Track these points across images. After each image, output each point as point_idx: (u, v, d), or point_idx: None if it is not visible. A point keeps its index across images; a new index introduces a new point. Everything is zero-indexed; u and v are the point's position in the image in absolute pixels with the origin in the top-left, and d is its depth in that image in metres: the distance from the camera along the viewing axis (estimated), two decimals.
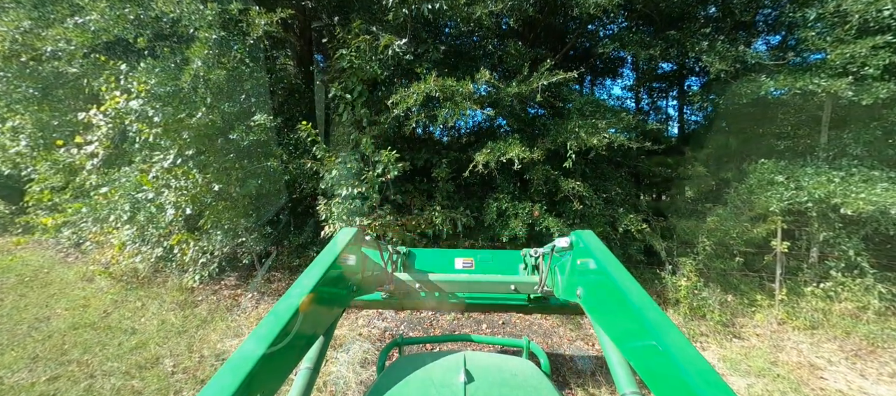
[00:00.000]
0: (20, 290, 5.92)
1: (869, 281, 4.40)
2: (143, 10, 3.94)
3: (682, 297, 4.61)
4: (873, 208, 3.86)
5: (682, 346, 0.85)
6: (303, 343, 1.19)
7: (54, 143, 7.04)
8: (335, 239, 1.62)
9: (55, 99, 7.99)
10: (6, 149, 7.72)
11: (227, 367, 0.82)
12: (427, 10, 4.05)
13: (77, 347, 4.09)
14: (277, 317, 1.01)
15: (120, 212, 5.18)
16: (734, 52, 4.74)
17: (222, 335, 4.31)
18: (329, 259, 1.39)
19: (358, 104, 4.57)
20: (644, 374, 0.96)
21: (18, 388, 3.37)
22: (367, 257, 1.90)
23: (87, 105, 7.12)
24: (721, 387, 0.74)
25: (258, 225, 5.72)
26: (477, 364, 1.36)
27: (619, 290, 1.14)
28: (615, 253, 5.13)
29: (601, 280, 1.34)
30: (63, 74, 7.50)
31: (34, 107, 7.74)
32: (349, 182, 4.39)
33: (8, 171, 7.98)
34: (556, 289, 1.88)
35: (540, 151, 4.56)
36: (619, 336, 1.17)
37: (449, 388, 1.21)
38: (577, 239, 1.64)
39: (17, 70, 7.40)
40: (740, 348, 4.10)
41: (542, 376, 1.45)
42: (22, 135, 7.83)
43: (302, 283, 1.21)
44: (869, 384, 3.47)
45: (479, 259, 2.40)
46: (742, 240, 5.03)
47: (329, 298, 1.41)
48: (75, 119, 7.83)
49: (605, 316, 1.30)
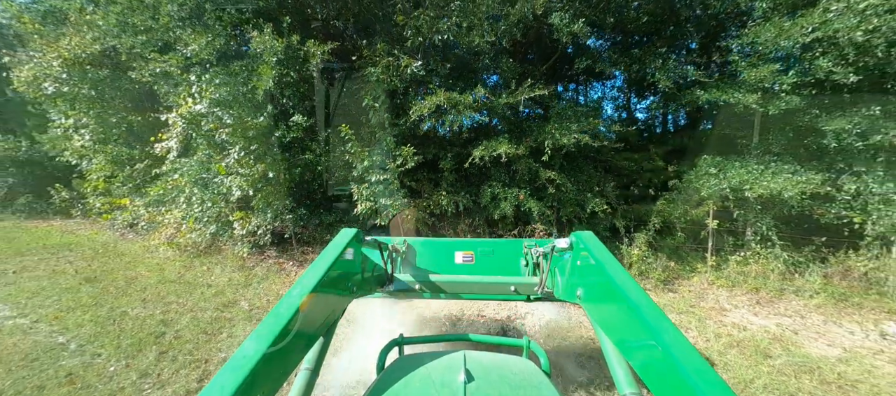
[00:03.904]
0: (101, 259, 7.22)
1: (776, 250, 5.70)
2: (236, 44, 5.17)
3: (633, 262, 5.92)
4: (769, 193, 5.14)
5: (681, 345, 0.85)
6: (303, 344, 1.20)
7: (110, 138, 8.23)
8: (335, 239, 1.65)
9: (113, 99, 9.13)
10: (72, 141, 8.99)
11: (228, 367, 0.82)
12: (437, 39, 5.30)
13: (170, 294, 5.40)
14: (278, 317, 1.01)
15: (189, 194, 6.47)
16: (679, 70, 5.99)
17: (280, 287, 5.63)
18: (329, 259, 1.41)
19: (382, 109, 5.83)
20: (643, 374, 0.97)
21: (143, 317, 4.67)
22: (367, 258, 1.94)
23: (149, 107, 8.45)
24: (720, 386, 0.73)
25: (297, 206, 7.01)
26: (477, 364, 1.34)
27: (618, 290, 1.14)
28: (584, 229, 6.54)
29: (601, 280, 1.35)
30: (120, 78, 8.71)
31: (97, 106, 8.90)
32: (376, 171, 5.67)
33: (75, 161, 9.23)
34: (556, 290, 1.91)
35: (524, 147, 5.85)
36: (618, 336, 1.18)
37: (449, 387, 1.18)
38: (576, 240, 1.66)
39: (80, 74, 8.51)
40: (672, 297, 5.41)
41: (542, 375, 1.42)
42: (84, 130, 9.06)
43: (302, 283, 1.22)
44: (757, 319, 4.77)
45: (480, 252, 2.36)
46: (684, 220, 6.31)
47: (329, 298, 1.41)
48: (132, 118, 9.13)
49: (605, 316, 1.32)
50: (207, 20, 5.07)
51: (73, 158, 8.97)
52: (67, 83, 8.29)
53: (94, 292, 5.46)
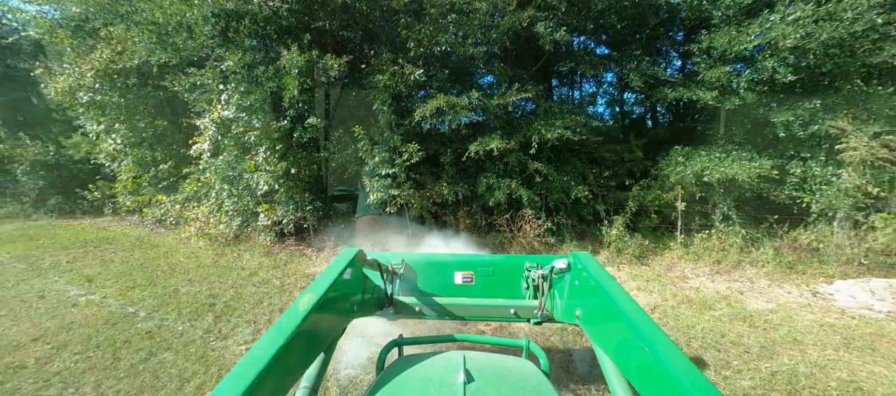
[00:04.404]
0: (139, 250, 8.09)
1: (736, 228, 6.52)
2: (262, 57, 6.00)
3: (611, 241, 6.76)
4: (725, 177, 5.96)
5: (679, 362, 0.86)
6: (302, 362, 1.22)
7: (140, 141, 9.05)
8: (337, 258, 1.66)
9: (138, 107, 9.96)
10: (106, 145, 9.85)
11: (226, 384, 0.83)
12: (437, 50, 6.10)
13: (211, 275, 6.26)
14: (278, 334, 1.03)
15: (219, 190, 7.32)
16: (650, 71, 6.79)
17: (305, 267, 6.49)
18: (331, 277, 1.42)
19: (389, 112, 6.65)
20: (643, 390, 0.99)
21: (193, 293, 5.52)
22: (367, 278, 1.98)
23: (169, 112, 9.30)
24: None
25: (314, 199, 7.86)
26: (477, 364, 1.34)
27: (616, 309, 1.17)
28: (569, 214, 7.53)
29: (599, 299, 1.37)
30: (145, 87, 9.53)
31: (124, 113, 9.74)
32: (385, 166, 6.51)
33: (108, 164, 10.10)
34: (555, 312, 1.97)
35: (514, 142, 6.67)
36: (616, 353, 1.20)
37: (448, 388, 1.18)
38: (574, 260, 1.69)
39: (110, 85, 9.33)
40: (644, 270, 6.25)
41: (542, 376, 1.43)
42: (116, 135, 9.92)
43: (303, 300, 1.23)
44: (712, 284, 5.60)
45: (480, 272, 2.35)
46: (658, 204, 7.14)
47: (329, 318, 1.41)
48: (157, 123, 9.97)
49: (603, 334, 1.33)
50: (239, 38, 5.88)
51: (106, 160, 9.83)
52: (100, 92, 9.12)
53: (145, 275, 6.33)
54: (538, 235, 6.74)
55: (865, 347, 3.78)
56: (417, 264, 2.40)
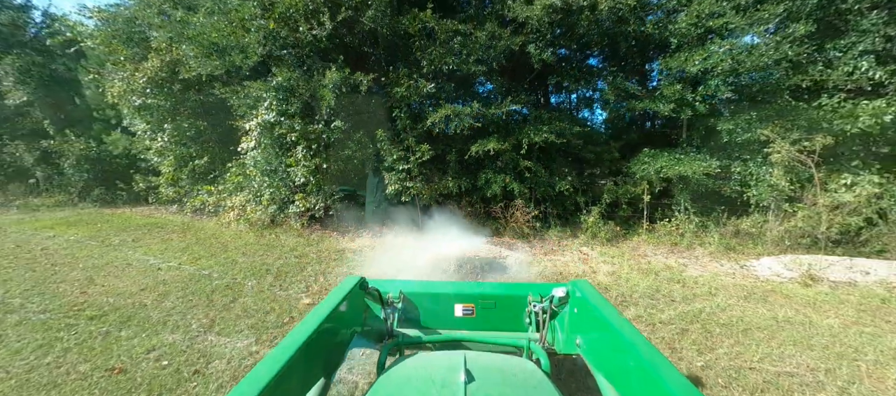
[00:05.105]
0: (189, 232, 9.47)
1: (691, 216, 7.89)
2: (310, 76, 7.39)
3: (588, 227, 8.14)
4: (678, 174, 7.32)
5: (679, 384, 0.88)
6: (303, 386, 1.27)
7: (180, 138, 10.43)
8: (338, 285, 1.72)
9: (180, 110, 11.33)
10: (155, 142, 11.26)
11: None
12: (445, 68, 7.49)
13: (258, 252, 7.63)
14: (278, 358, 1.04)
15: (260, 181, 8.72)
16: (623, 85, 8.15)
17: (334, 244, 7.88)
18: (333, 303, 1.49)
19: (405, 117, 8.03)
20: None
21: (248, 263, 6.90)
22: (368, 308, 2.04)
23: (203, 114, 10.70)
24: None
25: (339, 190, 9.25)
26: (477, 364, 1.34)
27: (615, 335, 1.21)
28: (554, 204, 9.12)
29: (598, 326, 1.44)
30: (188, 91, 10.91)
31: (168, 116, 11.13)
32: (401, 162, 7.89)
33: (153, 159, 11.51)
34: (556, 345, 1.99)
35: (508, 144, 8.05)
36: (616, 378, 1.23)
37: (449, 388, 1.19)
38: (573, 289, 1.74)
39: (159, 90, 10.70)
40: (613, 250, 7.62)
41: (543, 376, 1.43)
42: (163, 133, 11.33)
43: (304, 325, 1.28)
44: (665, 260, 6.97)
45: (480, 304, 2.32)
46: (628, 197, 8.52)
47: (331, 342, 1.47)
48: (199, 124, 11.38)
49: (603, 360, 1.38)
50: (286, 58, 7.26)
51: (154, 156, 11.25)
52: (150, 97, 10.53)
53: (204, 250, 7.73)
54: (527, 221, 8.12)
55: (759, 299, 5.14)
56: (417, 295, 2.37)
